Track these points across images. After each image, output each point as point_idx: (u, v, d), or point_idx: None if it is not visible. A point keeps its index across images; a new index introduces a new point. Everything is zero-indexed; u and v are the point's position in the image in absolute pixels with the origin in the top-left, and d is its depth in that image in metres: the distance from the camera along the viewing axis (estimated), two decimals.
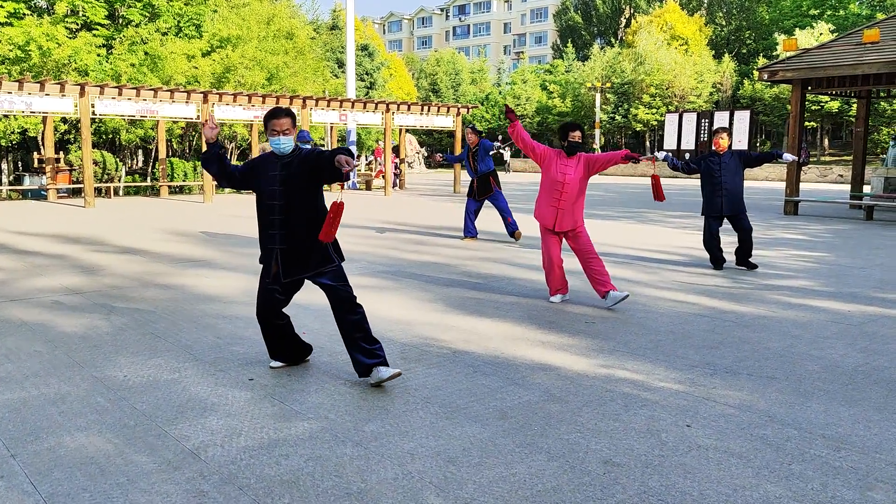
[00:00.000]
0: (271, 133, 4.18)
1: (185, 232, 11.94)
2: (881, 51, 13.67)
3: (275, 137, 4.19)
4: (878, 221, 14.44)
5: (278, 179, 4.21)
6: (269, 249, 4.28)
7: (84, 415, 3.79)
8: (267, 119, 4.23)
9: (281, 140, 4.19)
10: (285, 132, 4.18)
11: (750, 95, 44.32)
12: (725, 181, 8.17)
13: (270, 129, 4.19)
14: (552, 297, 6.61)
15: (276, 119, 4.19)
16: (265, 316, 4.43)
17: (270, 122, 4.19)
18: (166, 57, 22.32)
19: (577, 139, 6.30)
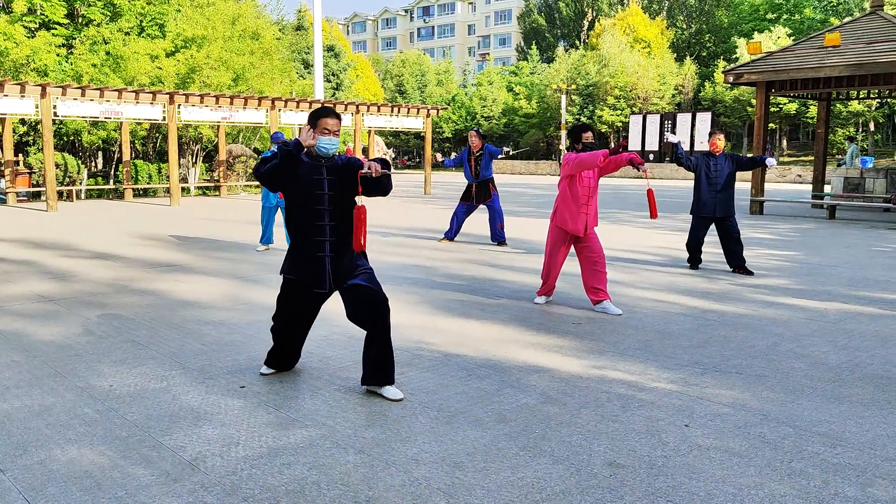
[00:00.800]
0: (322, 132, 4.00)
1: (155, 236, 11.71)
2: (842, 54, 14.04)
3: (325, 137, 4.01)
4: (841, 220, 14.83)
5: (327, 184, 4.04)
6: (318, 258, 4.08)
7: (72, 426, 3.68)
8: (318, 117, 4.03)
9: (331, 141, 4.02)
10: (336, 133, 4.03)
11: (711, 97, 45.15)
12: (720, 183, 8.22)
13: (321, 129, 4.00)
14: (538, 298, 6.62)
15: (328, 118, 4.01)
16: (292, 331, 4.32)
17: (321, 120, 4.01)
18: (129, 57, 21.88)
19: (590, 140, 6.23)
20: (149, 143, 24.51)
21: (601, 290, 6.25)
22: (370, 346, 4.11)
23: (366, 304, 4.06)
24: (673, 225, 13.61)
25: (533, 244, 10.71)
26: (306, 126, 4.05)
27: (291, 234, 4.21)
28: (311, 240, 4.08)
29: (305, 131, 4.01)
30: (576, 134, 6.30)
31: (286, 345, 4.42)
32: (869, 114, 38.57)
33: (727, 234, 8.23)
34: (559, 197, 6.37)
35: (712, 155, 8.29)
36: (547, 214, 15.88)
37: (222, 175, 23.16)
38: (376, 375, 4.11)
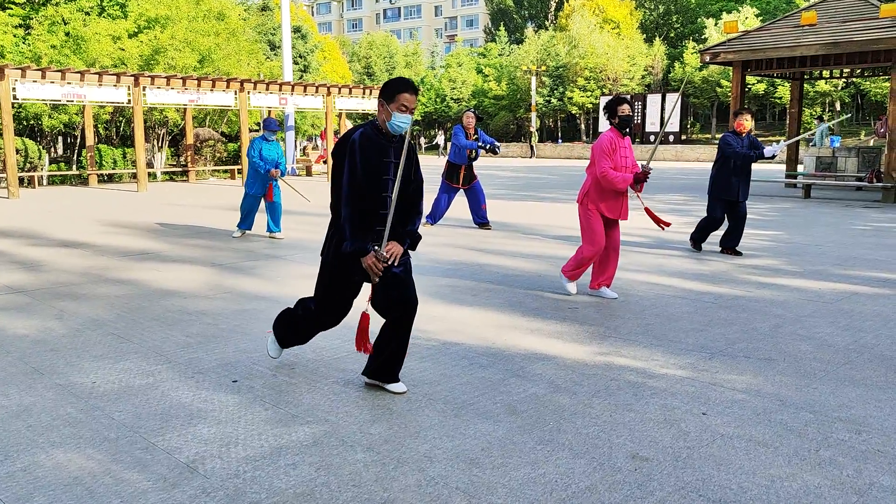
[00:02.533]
0: (400, 108, 3.54)
1: (125, 222, 11.31)
2: (818, 33, 14.07)
3: (403, 115, 3.55)
4: (816, 199, 14.95)
5: (392, 168, 3.64)
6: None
7: (56, 428, 3.43)
8: (396, 91, 3.56)
9: (407, 119, 3.57)
10: (412, 110, 3.59)
11: (680, 78, 45.35)
12: (745, 165, 8.02)
13: (400, 104, 3.53)
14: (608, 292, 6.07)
15: (408, 93, 3.54)
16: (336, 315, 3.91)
17: (401, 95, 3.53)
18: (90, 38, 21.13)
19: (626, 112, 5.82)
20: (112, 126, 23.78)
21: (608, 277, 6.07)
22: (388, 341, 3.83)
23: (399, 301, 3.75)
24: (655, 206, 13.56)
25: (515, 226, 10.57)
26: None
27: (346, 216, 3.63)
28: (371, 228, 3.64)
29: (373, 260, 3.54)
30: (611, 108, 5.87)
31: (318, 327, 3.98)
32: (836, 93, 39.11)
33: (739, 216, 8.04)
34: (593, 180, 5.93)
35: (739, 136, 8.02)
36: (523, 196, 15.75)
37: (190, 159, 22.59)
38: (386, 372, 3.90)
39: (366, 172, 3.58)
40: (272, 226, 9.56)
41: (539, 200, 15.01)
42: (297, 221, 11.01)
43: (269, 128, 9.32)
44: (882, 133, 17.13)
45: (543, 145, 44.41)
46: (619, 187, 5.77)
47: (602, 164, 5.77)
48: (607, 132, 5.93)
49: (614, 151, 5.82)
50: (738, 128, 8.01)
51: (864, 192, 16.16)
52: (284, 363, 4.38)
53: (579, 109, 48.76)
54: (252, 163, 9.33)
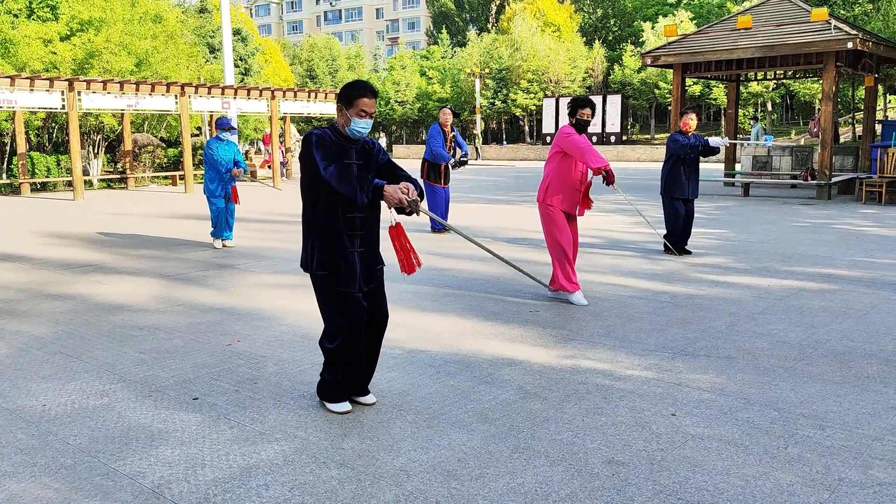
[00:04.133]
0: (360, 114, 3.48)
1: (63, 233, 10.86)
2: (754, 36, 14.53)
3: (362, 120, 3.50)
4: (754, 197, 15.42)
5: (356, 169, 3.54)
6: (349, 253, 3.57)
7: (6, 456, 3.25)
8: (354, 96, 3.48)
9: (367, 124, 3.53)
10: (372, 114, 3.54)
11: (620, 80, 46.26)
12: (694, 163, 8.16)
13: (359, 110, 3.47)
14: (576, 297, 5.90)
15: (366, 97, 3.48)
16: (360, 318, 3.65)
17: (360, 100, 3.46)
18: (19, 41, 20.25)
19: (585, 116, 5.81)
20: (44, 133, 22.86)
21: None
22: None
23: (372, 314, 3.67)
24: (604, 207, 13.77)
25: (467, 229, 10.57)
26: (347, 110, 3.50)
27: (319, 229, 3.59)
28: (343, 234, 3.55)
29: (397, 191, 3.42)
30: (572, 108, 5.86)
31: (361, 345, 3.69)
32: (767, 94, 40.50)
33: (688, 216, 8.21)
34: (553, 175, 5.91)
35: (685, 135, 8.16)
36: (472, 198, 15.79)
37: (128, 166, 21.91)
38: (359, 386, 3.81)
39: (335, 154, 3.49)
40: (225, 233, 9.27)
41: (488, 203, 15.07)
42: (247, 229, 10.77)
43: (221, 126, 9.01)
44: (815, 133, 17.80)
45: (488, 147, 44.67)
46: (593, 163, 5.64)
47: (577, 140, 5.70)
48: (567, 126, 5.93)
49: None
50: (684, 127, 8.17)
51: (799, 189, 16.76)
52: (247, 377, 4.26)
53: (523, 111, 49.24)
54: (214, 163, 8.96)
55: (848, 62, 14.91)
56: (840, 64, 14.37)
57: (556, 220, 5.95)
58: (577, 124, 5.87)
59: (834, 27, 13.59)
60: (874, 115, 17.63)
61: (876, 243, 8.87)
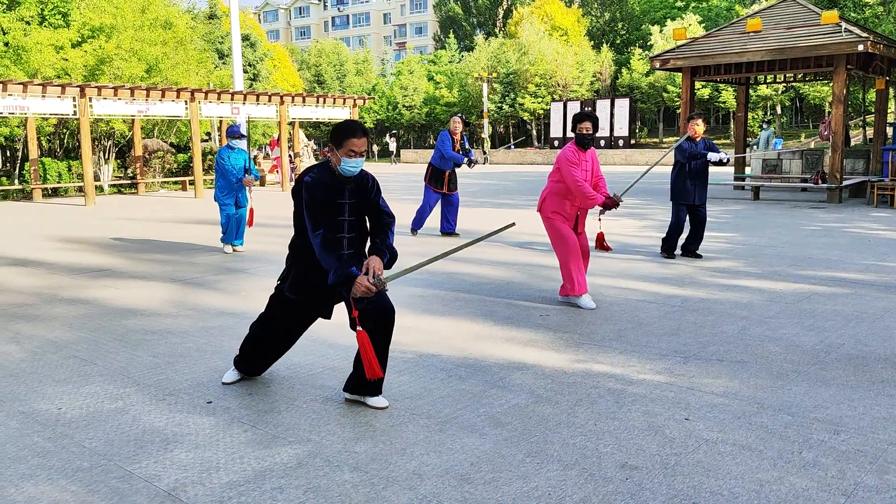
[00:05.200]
0: (349, 154, 3.55)
1: (76, 238, 10.94)
2: (764, 39, 14.50)
3: (352, 160, 3.57)
4: (765, 201, 15.37)
5: (348, 209, 3.70)
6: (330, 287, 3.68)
7: (24, 459, 3.27)
8: (345, 136, 3.55)
9: (357, 163, 3.60)
10: (363, 154, 3.61)
11: (628, 84, 46.21)
12: (700, 170, 8.15)
13: (348, 150, 3.55)
14: (584, 301, 5.90)
15: (355, 138, 3.54)
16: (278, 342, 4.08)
17: (349, 141, 3.53)
18: (32, 48, 20.43)
19: (584, 131, 5.86)
20: (56, 139, 23.03)
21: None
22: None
23: (374, 310, 3.68)
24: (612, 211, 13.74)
25: (477, 233, 10.55)
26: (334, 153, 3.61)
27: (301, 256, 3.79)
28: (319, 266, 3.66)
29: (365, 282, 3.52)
30: (573, 122, 5.93)
31: (269, 354, 4.13)
32: (777, 97, 40.37)
33: (699, 220, 8.17)
34: (551, 191, 6.04)
35: (693, 141, 8.13)
36: (480, 203, 15.80)
37: (139, 171, 22.04)
38: (368, 385, 3.84)
39: (323, 209, 3.62)
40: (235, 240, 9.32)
41: (497, 207, 15.08)
42: (258, 233, 10.81)
43: (232, 134, 9.06)
44: (825, 136, 17.74)
45: (496, 151, 44.71)
46: (585, 203, 5.86)
47: (574, 175, 5.81)
48: (569, 144, 6.02)
49: (576, 165, 5.89)
50: (691, 133, 8.17)
51: (809, 192, 16.69)
52: (259, 381, 4.28)
53: (531, 115, 49.26)
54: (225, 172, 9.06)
55: (859, 65, 14.86)
56: (851, 67, 14.32)
57: (556, 226, 6.02)
58: (578, 138, 5.93)
59: (844, 30, 13.55)
60: (885, 118, 17.54)
61: (888, 246, 8.82)
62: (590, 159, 6.00)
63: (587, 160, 5.97)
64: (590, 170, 5.97)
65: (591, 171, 5.99)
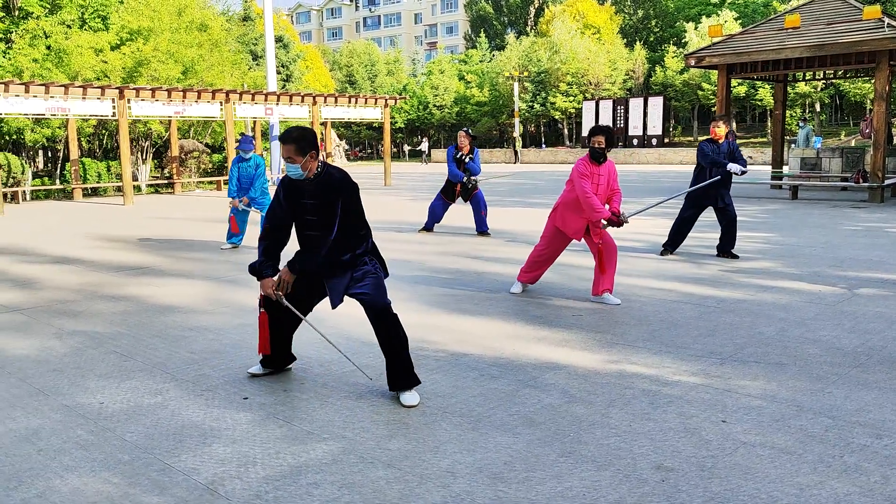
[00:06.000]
0: (286, 159, 3.84)
1: (115, 237, 11.17)
2: (803, 35, 14.23)
3: (288, 164, 3.83)
4: (803, 200, 15.08)
5: (311, 207, 3.92)
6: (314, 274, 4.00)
7: (67, 451, 3.36)
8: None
9: (293, 168, 3.83)
10: (289, 160, 3.79)
11: (662, 82, 45.70)
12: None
13: (285, 156, 3.83)
14: (514, 288, 6.53)
15: (282, 145, 3.81)
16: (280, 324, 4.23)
17: (281, 148, 3.84)
18: (72, 51, 20.91)
19: (596, 145, 5.93)
20: (95, 140, 23.54)
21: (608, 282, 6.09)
22: (383, 351, 3.99)
23: (369, 310, 3.97)
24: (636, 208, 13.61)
25: (508, 233, 10.56)
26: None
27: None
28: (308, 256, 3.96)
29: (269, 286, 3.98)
30: (588, 135, 6.08)
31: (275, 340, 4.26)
32: (815, 94, 39.57)
33: (729, 219, 8.08)
34: (564, 197, 6.18)
35: (716, 143, 8.08)
36: (512, 202, 15.76)
37: (175, 172, 22.41)
38: (392, 381, 3.95)
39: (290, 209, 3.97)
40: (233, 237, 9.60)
41: (528, 206, 15.03)
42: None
43: (241, 147, 9.23)
44: (867, 133, 17.35)
45: (527, 150, 44.56)
46: (590, 216, 5.94)
47: (584, 186, 5.92)
48: (583, 157, 6.09)
49: (587, 177, 5.97)
50: (713, 135, 8.10)
51: (850, 192, 16.33)
52: (293, 378, 4.33)
53: (562, 114, 48.99)
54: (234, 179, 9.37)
55: None
56: (893, 63, 13.97)
57: (549, 235, 6.29)
58: (591, 152, 6.01)
59: (887, 25, 13.23)
60: None
61: None
62: (605, 173, 6.04)
63: (600, 174, 6.03)
64: (603, 184, 6.02)
65: (604, 186, 6.03)
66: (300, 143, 3.79)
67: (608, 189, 6.05)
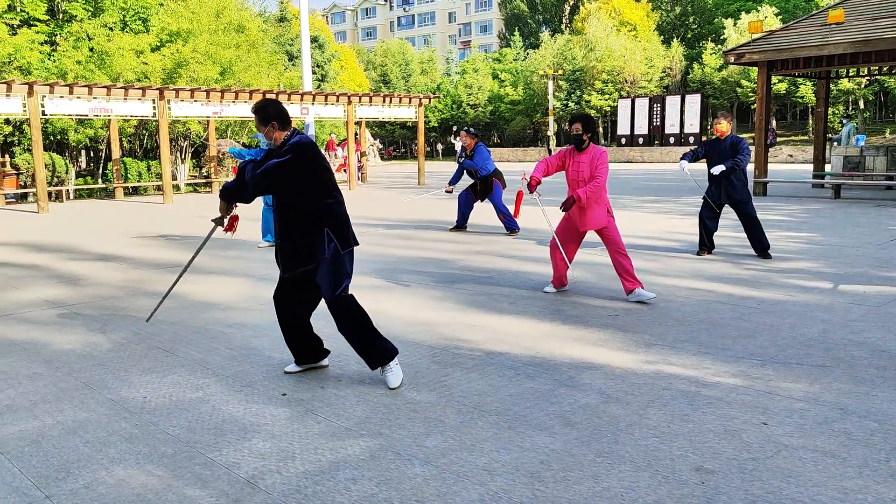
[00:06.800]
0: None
1: (156, 235, 11.40)
2: (846, 31, 13.90)
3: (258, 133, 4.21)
4: (846, 199, 14.74)
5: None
6: (278, 244, 4.26)
7: (113, 444, 3.44)
8: None
9: (259, 135, 4.22)
10: (258, 129, 4.13)
11: (699, 79, 45.07)
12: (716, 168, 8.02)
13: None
14: (547, 288, 6.59)
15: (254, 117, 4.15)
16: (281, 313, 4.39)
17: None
18: (114, 53, 21.37)
19: (574, 131, 6.11)
20: (136, 140, 24.03)
21: (630, 279, 6.07)
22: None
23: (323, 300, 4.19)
24: (678, 209, 13.47)
25: (546, 234, 10.51)
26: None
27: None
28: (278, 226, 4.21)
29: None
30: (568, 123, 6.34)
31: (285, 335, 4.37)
32: (859, 91, 38.63)
33: (746, 220, 8.01)
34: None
35: (718, 139, 8.01)
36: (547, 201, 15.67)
37: (213, 171, 22.77)
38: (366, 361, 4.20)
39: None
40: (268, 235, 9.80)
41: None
42: None
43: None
44: None
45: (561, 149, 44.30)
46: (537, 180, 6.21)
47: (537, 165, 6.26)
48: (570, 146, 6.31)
49: (562, 162, 6.19)
50: (715, 132, 8.03)
51: (895, 191, 15.92)
52: (330, 375, 4.38)
53: (597, 112, 48.59)
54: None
55: None
56: None
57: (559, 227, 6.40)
58: (573, 140, 6.20)
59: None
60: None
61: None
62: (586, 161, 6.09)
63: (581, 161, 6.09)
64: (584, 171, 6.07)
65: (585, 173, 6.06)
66: (261, 114, 4.08)
67: (591, 177, 6.07)
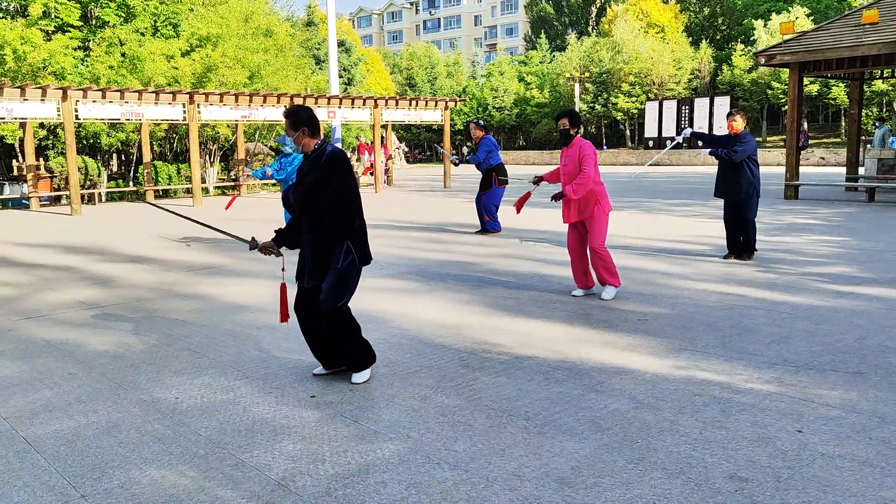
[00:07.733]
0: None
1: (186, 237, 11.54)
2: (881, 31, 13.64)
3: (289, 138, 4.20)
4: (881, 203, 14.46)
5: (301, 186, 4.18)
6: (303, 254, 4.35)
7: (146, 444, 3.49)
8: None
9: (288, 140, 4.21)
10: (287, 133, 4.15)
11: (729, 81, 44.54)
12: (726, 164, 7.93)
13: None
14: (574, 291, 6.61)
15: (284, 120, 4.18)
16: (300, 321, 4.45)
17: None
18: (146, 58, 21.72)
19: (560, 127, 6.25)
20: (166, 143, 24.38)
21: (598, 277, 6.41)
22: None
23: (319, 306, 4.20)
24: (705, 212, 13.31)
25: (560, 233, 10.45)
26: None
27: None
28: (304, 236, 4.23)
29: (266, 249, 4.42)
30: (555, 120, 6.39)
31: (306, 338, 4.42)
32: (893, 93, 37.89)
33: (742, 223, 7.97)
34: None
35: (731, 137, 7.95)
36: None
37: (241, 174, 22.99)
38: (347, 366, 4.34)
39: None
40: None
41: None
42: None
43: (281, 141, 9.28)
44: None
45: None
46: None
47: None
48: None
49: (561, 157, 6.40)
50: (729, 129, 7.99)
51: None
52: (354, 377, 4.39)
53: (624, 115, 48.25)
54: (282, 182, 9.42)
55: None
56: None
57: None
58: (560, 135, 6.33)
59: None
60: None
61: None
62: (571, 155, 6.23)
63: (567, 155, 6.25)
64: (570, 164, 6.20)
65: (571, 167, 6.19)
66: (292, 119, 4.07)
67: (577, 171, 6.16)
